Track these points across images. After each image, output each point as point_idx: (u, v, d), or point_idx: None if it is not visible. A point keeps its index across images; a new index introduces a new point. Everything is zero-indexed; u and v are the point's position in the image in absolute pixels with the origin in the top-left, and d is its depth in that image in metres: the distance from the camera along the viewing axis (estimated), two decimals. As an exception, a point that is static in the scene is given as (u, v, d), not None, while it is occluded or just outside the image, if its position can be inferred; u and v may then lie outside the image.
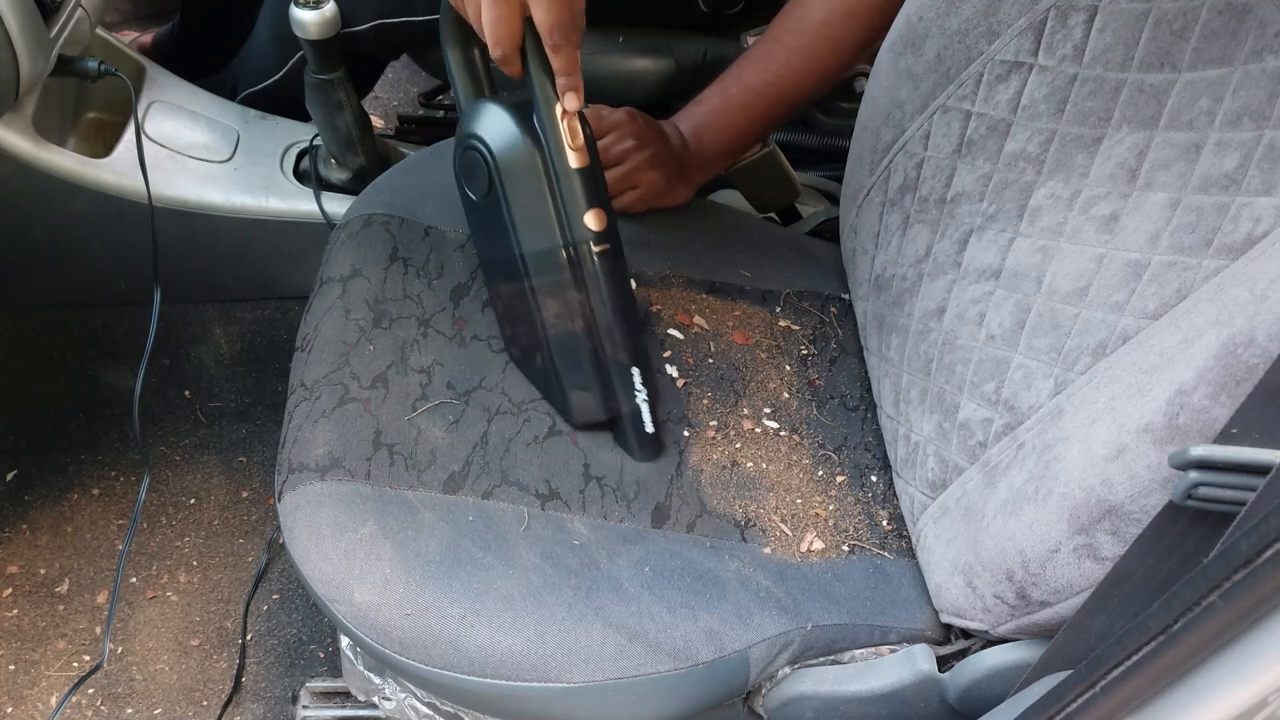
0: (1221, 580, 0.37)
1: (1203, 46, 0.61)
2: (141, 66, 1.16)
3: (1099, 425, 0.58)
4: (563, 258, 0.71)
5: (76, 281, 1.19)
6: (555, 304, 0.73)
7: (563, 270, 0.72)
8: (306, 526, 0.70)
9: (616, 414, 0.75)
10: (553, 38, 0.64)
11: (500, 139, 0.70)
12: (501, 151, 0.70)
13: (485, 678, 0.66)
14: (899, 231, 0.81)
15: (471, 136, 0.71)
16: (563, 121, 0.68)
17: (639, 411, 0.75)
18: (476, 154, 0.71)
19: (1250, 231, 0.56)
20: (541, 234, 0.71)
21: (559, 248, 0.71)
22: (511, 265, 0.73)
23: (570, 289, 0.72)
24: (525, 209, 0.71)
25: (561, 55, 0.65)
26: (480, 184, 0.72)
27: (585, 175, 0.69)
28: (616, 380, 0.74)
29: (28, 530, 1.21)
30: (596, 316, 0.73)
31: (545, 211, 0.70)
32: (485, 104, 0.72)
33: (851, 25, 0.85)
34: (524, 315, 0.75)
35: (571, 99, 0.67)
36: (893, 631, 0.71)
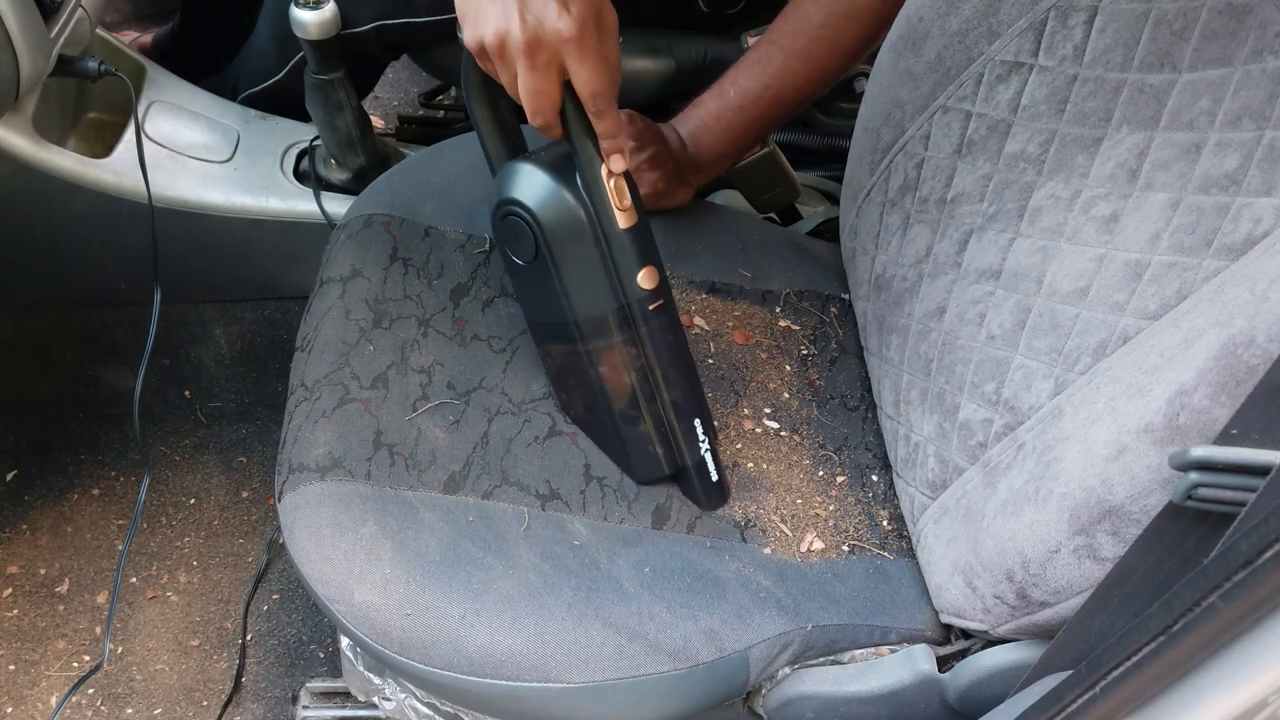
0: (1221, 581, 0.37)
1: (1203, 47, 0.61)
2: (141, 66, 1.16)
3: (1099, 426, 0.58)
4: (618, 320, 0.69)
5: (76, 281, 1.19)
6: (612, 364, 0.71)
7: (618, 331, 0.70)
8: (306, 526, 0.70)
9: (682, 466, 0.74)
10: (595, 104, 0.63)
11: (545, 204, 0.67)
12: (547, 217, 0.67)
13: (485, 678, 0.66)
14: (899, 232, 0.81)
15: (513, 202, 0.68)
16: (609, 182, 0.66)
17: (704, 463, 0.73)
18: (520, 220, 0.68)
19: (1250, 232, 0.56)
20: (595, 298, 0.69)
21: (614, 311, 0.69)
22: (564, 329, 0.71)
23: (627, 348, 0.71)
24: (576, 274, 0.69)
25: (605, 119, 0.64)
26: (526, 249, 0.69)
27: (635, 235, 0.67)
28: (680, 434, 0.73)
29: (28, 530, 1.21)
30: (655, 373, 0.71)
31: (597, 276, 0.68)
32: (522, 166, 0.68)
33: (849, 28, 0.85)
34: (580, 376, 0.73)
35: (617, 160, 0.65)
36: (893, 632, 0.71)
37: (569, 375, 0.75)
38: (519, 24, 0.60)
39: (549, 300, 0.71)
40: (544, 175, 0.67)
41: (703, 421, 0.73)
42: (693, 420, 0.73)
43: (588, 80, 0.62)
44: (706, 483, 0.74)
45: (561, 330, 0.72)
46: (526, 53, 0.61)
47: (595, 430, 0.76)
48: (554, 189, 0.67)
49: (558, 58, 0.62)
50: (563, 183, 0.67)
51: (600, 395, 0.73)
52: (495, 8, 0.61)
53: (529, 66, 0.61)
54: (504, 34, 0.61)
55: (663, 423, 0.73)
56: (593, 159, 0.65)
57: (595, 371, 0.72)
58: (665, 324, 0.71)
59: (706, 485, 0.74)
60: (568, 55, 0.61)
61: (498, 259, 0.86)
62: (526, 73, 0.62)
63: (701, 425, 0.73)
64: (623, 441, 0.74)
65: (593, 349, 0.71)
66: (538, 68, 0.61)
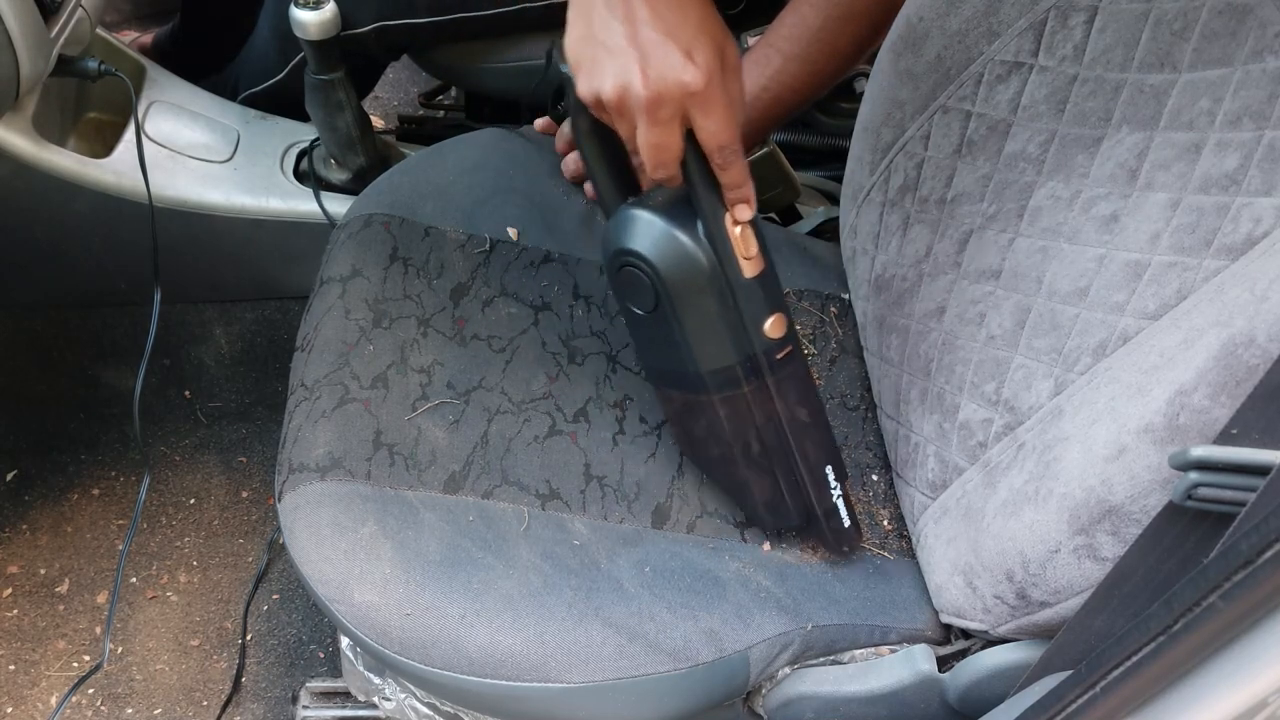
0: (1221, 581, 0.37)
1: (1203, 47, 0.61)
2: (141, 66, 1.16)
3: (1099, 425, 0.58)
4: (745, 370, 0.67)
5: (76, 281, 1.19)
6: (739, 414, 0.69)
7: (746, 382, 0.67)
8: (306, 526, 0.70)
9: (813, 515, 0.72)
10: (723, 156, 0.59)
11: (666, 254, 0.63)
12: (669, 267, 0.63)
13: (485, 678, 0.66)
14: (899, 232, 0.81)
15: (630, 253, 0.64)
16: (735, 230, 0.62)
17: (836, 509, 0.71)
18: (638, 270, 0.65)
19: (1250, 232, 0.56)
20: (721, 350, 0.66)
21: (741, 362, 0.66)
22: (686, 378, 0.69)
23: (755, 398, 0.68)
24: (700, 326, 0.65)
25: (732, 170, 0.60)
26: (645, 300, 0.66)
27: (762, 283, 0.64)
28: (811, 483, 0.70)
29: (28, 530, 1.21)
30: (785, 423, 0.69)
31: (722, 327, 0.65)
32: (639, 214, 0.64)
33: (846, 30, 0.85)
34: (703, 423, 0.71)
35: (744, 210, 0.61)
36: (893, 632, 0.71)
37: (693, 425, 0.72)
38: (641, 78, 0.56)
39: (669, 350, 0.68)
40: (664, 224, 0.63)
41: (834, 468, 0.71)
42: (824, 468, 0.70)
43: (715, 134, 0.58)
44: (838, 528, 0.72)
45: (683, 379, 0.69)
46: (649, 109, 0.56)
47: (722, 479, 0.75)
48: (675, 239, 0.63)
49: (682, 110, 0.57)
50: (685, 232, 0.63)
51: (726, 444, 0.70)
52: (615, 60, 0.56)
53: (651, 122, 0.57)
54: (624, 88, 0.56)
55: (793, 472, 0.70)
56: (717, 209, 0.62)
57: (720, 421, 0.69)
58: (794, 371, 0.68)
59: (838, 530, 0.72)
60: (693, 108, 0.57)
61: (498, 259, 0.86)
62: (648, 128, 0.58)
63: (833, 472, 0.71)
64: (751, 491, 0.72)
65: (718, 399, 0.68)
66: (660, 123, 0.57)
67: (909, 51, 0.77)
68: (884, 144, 0.81)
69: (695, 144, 0.59)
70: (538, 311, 0.83)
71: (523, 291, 0.84)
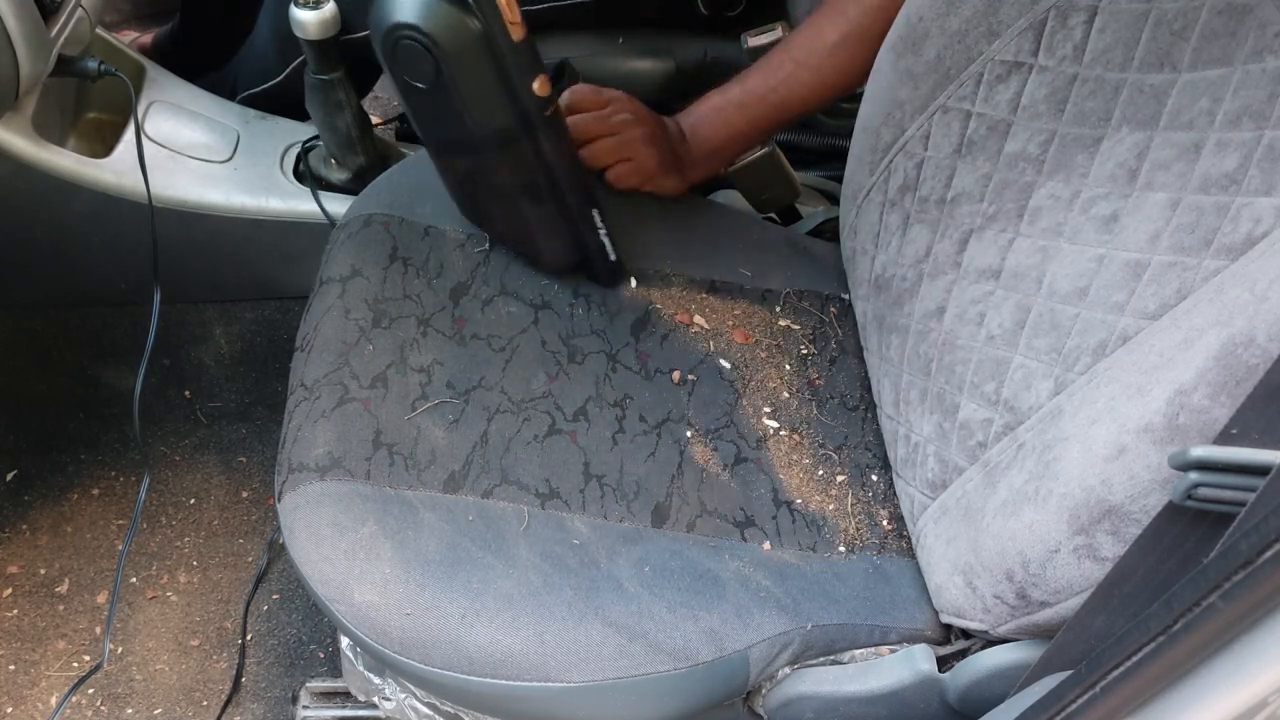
0: (1221, 581, 0.37)
1: (1203, 47, 0.61)
2: (141, 66, 1.16)
3: (1099, 425, 0.58)
4: (517, 127, 0.74)
5: (76, 281, 1.18)
6: (515, 168, 0.77)
7: (518, 138, 0.75)
8: (306, 526, 0.70)
9: (585, 252, 0.82)
10: None
11: (440, 25, 0.69)
12: (445, 38, 0.69)
13: (485, 678, 0.66)
14: (899, 231, 0.81)
15: (406, 26, 0.69)
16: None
17: (604, 245, 0.82)
18: (415, 44, 0.69)
19: (1250, 232, 0.56)
20: (495, 110, 0.73)
21: (514, 117, 0.73)
22: (466, 142, 0.76)
23: (527, 153, 0.76)
24: (476, 90, 0.72)
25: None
26: (424, 72, 0.71)
27: (528, 46, 0.71)
28: (580, 221, 0.80)
29: (28, 530, 1.21)
30: (554, 170, 0.77)
31: (497, 89, 0.72)
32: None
33: (861, 52, 0.86)
34: (486, 184, 0.80)
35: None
36: (893, 631, 0.71)
37: (475, 186, 0.83)
38: None
39: (450, 118, 0.75)
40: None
41: (599, 210, 0.81)
42: (590, 209, 0.80)
43: None
44: (605, 262, 0.84)
45: (466, 145, 0.77)
46: None
47: (505, 231, 0.84)
48: (450, 11, 0.68)
49: None
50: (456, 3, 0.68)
51: (507, 198, 0.80)
52: None
53: None
54: None
55: (565, 212, 0.80)
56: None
57: (501, 177, 0.78)
58: (559, 126, 0.77)
59: (606, 264, 0.84)
60: None
61: (498, 258, 0.86)
62: None
63: (599, 214, 0.81)
64: (532, 237, 0.82)
65: (499, 156, 0.76)
66: None
67: (909, 51, 0.77)
68: (884, 144, 0.81)
69: None
70: (537, 310, 0.83)
71: (522, 290, 0.84)
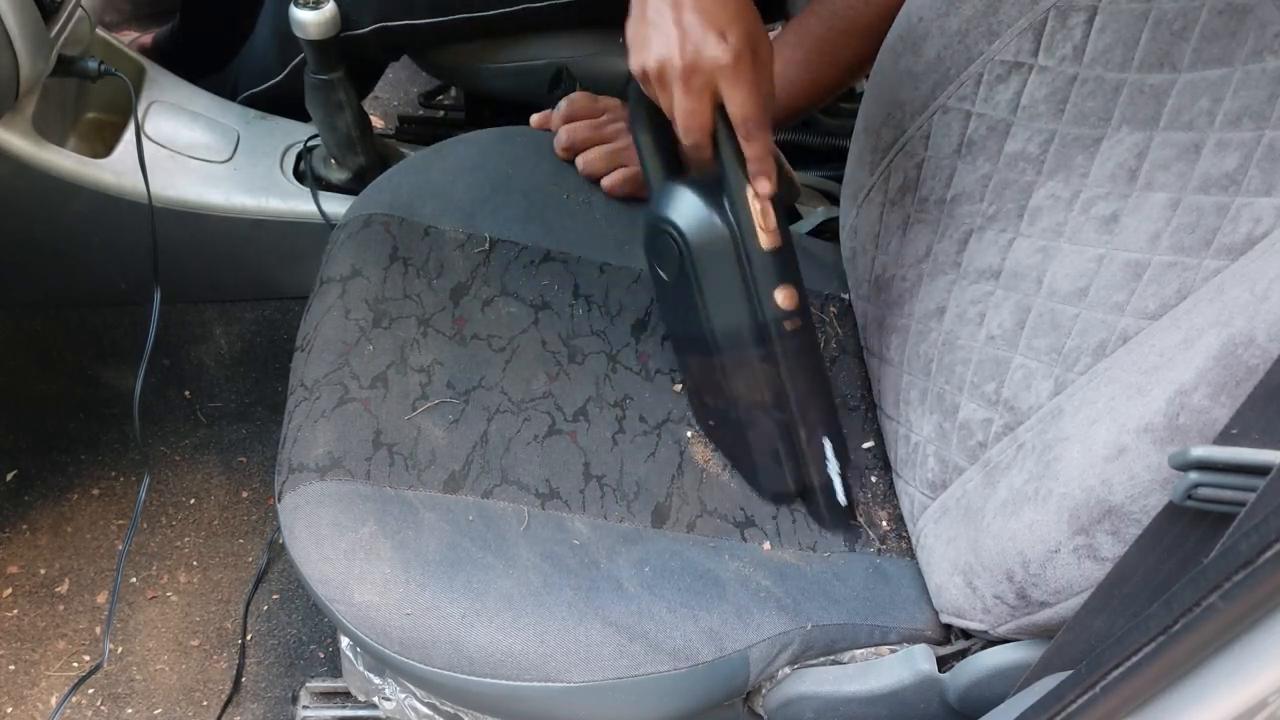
0: (1221, 581, 0.37)
1: (1203, 47, 0.61)
2: (141, 66, 1.16)
3: (1099, 425, 0.58)
4: (754, 336, 0.71)
5: (76, 281, 1.18)
6: (746, 379, 0.73)
7: (754, 347, 0.72)
8: (306, 527, 0.70)
9: (809, 486, 0.75)
10: (746, 129, 0.66)
11: (692, 222, 0.70)
12: (694, 234, 0.70)
13: (485, 678, 0.66)
14: (899, 232, 0.81)
15: (663, 220, 0.72)
16: (755, 204, 0.68)
17: (831, 484, 0.75)
18: (668, 237, 0.72)
19: (1250, 232, 0.56)
20: (733, 313, 0.71)
21: (750, 325, 0.71)
22: (703, 342, 0.74)
23: (761, 364, 0.72)
24: (717, 289, 0.71)
25: (755, 144, 0.67)
26: (672, 265, 0.73)
27: (777, 255, 0.70)
28: (808, 453, 0.74)
29: (28, 530, 1.21)
30: (788, 391, 0.73)
31: (737, 292, 0.71)
32: (676, 187, 0.72)
33: (849, 44, 0.86)
34: (716, 390, 0.76)
35: (764, 184, 0.68)
36: (893, 631, 0.71)
37: (706, 391, 0.77)
38: (679, 51, 0.64)
39: (691, 315, 0.73)
40: (694, 196, 0.70)
41: (833, 442, 0.74)
42: (821, 440, 0.74)
43: (740, 105, 0.65)
44: (832, 504, 0.75)
45: (702, 344, 0.74)
46: (684, 77, 0.65)
47: (727, 445, 0.78)
48: (702, 209, 0.70)
49: (712, 83, 0.65)
50: (711, 204, 0.70)
51: (733, 411, 0.75)
52: (660, 36, 0.65)
53: (684, 90, 0.66)
54: (665, 60, 0.65)
55: (792, 440, 0.74)
56: (740, 180, 0.68)
57: (730, 387, 0.74)
58: (801, 344, 0.72)
59: (832, 506, 0.75)
60: (722, 81, 0.65)
61: (498, 258, 0.86)
62: (682, 96, 0.66)
63: (831, 446, 0.74)
64: (752, 457, 0.75)
65: (728, 361, 0.73)
66: (692, 91, 0.65)
67: (909, 51, 0.77)
68: (884, 144, 0.81)
69: (726, 121, 0.66)
70: (538, 311, 0.83)
71: (523, 291, 0.84)
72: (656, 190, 0.74)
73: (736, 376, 0.73)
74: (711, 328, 0.72)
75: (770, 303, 0.70)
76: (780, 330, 0.71)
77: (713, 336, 0.73)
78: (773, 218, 0.69)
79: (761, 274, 0.69)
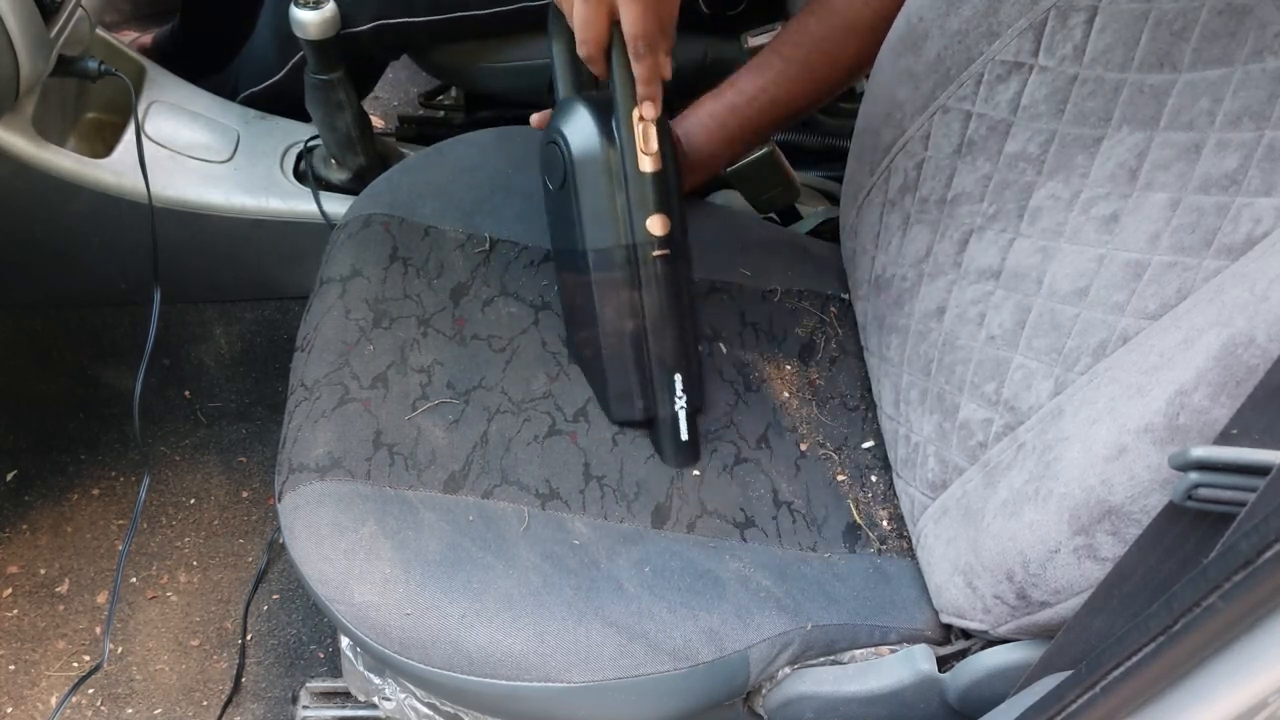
0: (1221, 581, 0.37)
1: (1203, 47, 0.61)
2: (141, 66, 1.16)
3: (1099, 426, 0.58)
4: (622, 257, 0.73)
5: (76, 281, 1.19)
6: (611, 300, 0.75)
7: (620, 269, 0.73)
8: (306, 526, 0.70)
9: (655, 417, 0.76)
10: (636, 46, 0.67)
11: (578, 135, 0.72)
12: (578, 147, 0.72)
13: (485, 678, 0.66)
14: (899, 232, 0.81)
15: (555, 130, 0.74)
16: (639, 126, 0.70)
17: (676, 418, 0.75)
18: (556, 147, 0.73)
19: (1250, 232, 0.56)
20: (605, 231, 0.73)
21: (619, 247, 0.73)
22: (576, 258, 0.75)
23: (625, 288, 0.74)
24: (593, 205, 0.73)
25: (644, 64, 0.68)
26: (556, 176, 0.74)
27: (654, 180, 0.71)
28: (658, 383, 0.75)
29: (28, 530, 1.21)
30: (648, 318, 0.74)
31: (611, 210, 0.72)
32: (574, 102, 0.74)
33: (849, 43, 0.86)
34: (583, 308, 0.77)
35: (649, 107, 0.70)
36: (893, 631, 0.71)
37: (574, 307, 0.79)
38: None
39: (568, 229, 0.75)
40: (586, 111, 0.72)
41: (685, 378, 0.75)
42: (673, 374, 0.75)
43: (633, 21, 0.66)
44: (675, 439, 0.76)
45: (575, 260, 0.75)
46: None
47: (586, 364, 0.80)
48: (590, 123, 0.72)
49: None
50: (599, 119, 0.72)
51: (593, 329, 0.76)
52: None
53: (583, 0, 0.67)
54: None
55: (645, 367, 0.75)
56: (627, 99, 0.70)
57: (596, 307, 0.75)
58: (668, 274, 0.74)
59: (675, 442, 0.76)
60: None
61: (498, 258, 0.86)
62: (581, 4, 0.67)
63: (682, 381, 0.75)
64: (605, 378, 0.77)
65: (596, 280, 0.74)
66: (589, 2, 0.67)
67: (909, 51, 0.77)
68: (884, 144, 0.81)
69: (622, 39, 0.68)
70: (538, 311, 0.83)
71: (523, 291, 0.84)
72: (559, 103, 0.76)
73: (602, 296, 0.75)
74: (584, 243, 0.74)
75: (641, 226, 0.72)
76: (648, 255, 0.73)
77: (584, 253, 0.74)
78: (654, 142, 0.70)
79: (636, 196, 0.71)
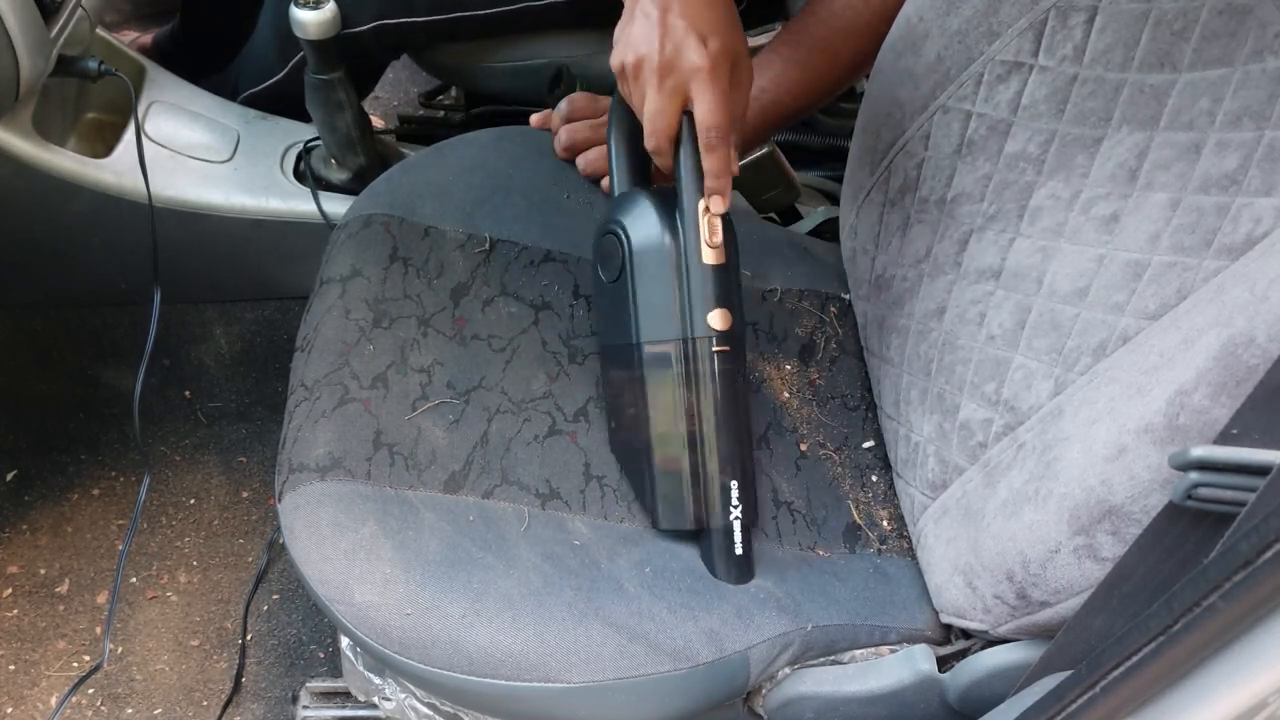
0: (1221, 581, 0.37)
1: (1203, 47, 0.61)
2: (141, 66, 1.16)
3: (1099, 426, 0.58)
4: (679, 353, 0.69)
5: (76, 281, 1.19)
6: (663, 398, 0.70)
7: (676, 364, 0.69)
8: (306, 527, 0.70)
9: (705, 527, 0.71)
10: (709, 137, 0.65)
11: (639, 225, 0.70)
12: (638, 237, 0.70)
13: (485, 678, 0.66)
14: (899, 232, 0.81)
15: (614, 222, 0.72)
16: (704, 218, 0.68)
17: (730, 530, 0.69)
18: (614, 238, 0.71)
19: (1250, 232, 0.56)
20: (662, 325, 0.70)
21: (676, 341, 0.69)
22: (627, 353, 0.71)
23: (680, 386, 0.69)
24: (650, 297, 0.70)
25: (715, 156, 0.66)
26: (613, 268, 0.72)
27: (718, 273, 0.68)
28: (711, 491, 0.70)
29: (28, 530, 1.21)
30: (702, 420, 0.69)
31: (669, 303, 0.69)
32: (635, 193, 0.72)
33: (849, 43, 0.86)
34: (631, 407, 0.73)
35: (717, 201, 0.67)
36: (893, 632, 0.71)
37: (622, 406, 0.74)
38: (658, 48, 0.65)
39: (621, 323, 0.72)
40: (648, 203, 0.70)
41: (740, 487, 0.70)
42: (730, 483, 0.69)
43: (709, 111, 0.65)
44: (730, 553, 0.70)
45: (625, 354, 0.72)
46: (658, 74, 0.65)
47: (631, 466, 0.74)
48: (652, 214, 0.70)
49: (684, 86, 0.65)
50: (662, 211, 0.70)
51: (645, 431, 0.71)
52: (644, 33, 0.66)
53: (656, 88, 0.66)
54: (643, 56, 0.66)
55: (698, 474, 0.70)
56: (694, 191, 0.68)
57: (646, 404, 0.71)
58: (726, 373, 0.69)
59: (729, 556, 0.70)
60: (694, 84, 0.65)
61: (498, 258, 0.86)
62: (653, 93, 0.66)
63: (738, 490, 0.70)
64: (654, 483, 0.72)
65: (650, 379, 0.71)
66: (664, 91, 0.66)
67: (909, 51, 0.77)
68: (884, 144, 0.81)
69: (692, 130, 0.66)
70: (538, 311, 0.83)
71: (523, 291, 0.84)
72: (617, 195, 0.75)
73: (654, 394, 0.70)
74: (638, 336, 0.70)
75: (701, 320, 0.68)
76: (707, 352, 0.68)
77: (639, 347, 0.70)
78: (720, 235, 0.68)
79: (698, 289, 0.68)
